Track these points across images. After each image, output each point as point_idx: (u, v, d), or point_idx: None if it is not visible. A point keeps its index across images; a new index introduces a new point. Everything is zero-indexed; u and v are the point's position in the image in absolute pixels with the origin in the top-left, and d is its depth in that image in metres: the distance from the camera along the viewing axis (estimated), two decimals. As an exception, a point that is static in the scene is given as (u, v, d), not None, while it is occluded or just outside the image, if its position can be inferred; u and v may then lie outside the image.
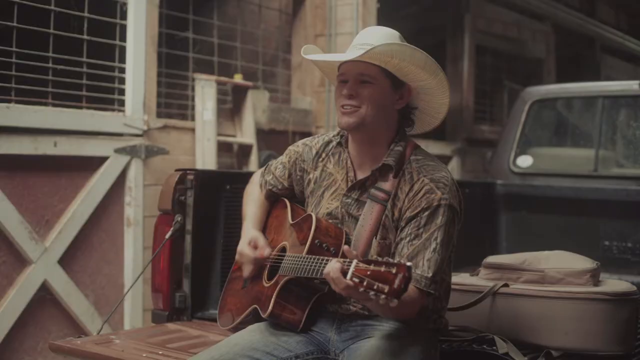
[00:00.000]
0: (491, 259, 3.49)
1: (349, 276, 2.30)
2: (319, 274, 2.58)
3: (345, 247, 2.51)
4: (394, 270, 2.21)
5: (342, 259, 2.43)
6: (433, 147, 8.59)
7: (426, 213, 2.70)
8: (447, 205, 2.71)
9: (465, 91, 9.94)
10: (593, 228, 5.61)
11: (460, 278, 3.44)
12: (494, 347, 3.10)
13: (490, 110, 10.98)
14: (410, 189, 2.75)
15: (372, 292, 2.23)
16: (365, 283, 2.24)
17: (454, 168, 9.40)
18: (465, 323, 3.27)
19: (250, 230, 3.09)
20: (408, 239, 2.71)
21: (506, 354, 3.04)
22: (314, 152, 3.05)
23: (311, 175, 3.03)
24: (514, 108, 6.44)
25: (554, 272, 3.28)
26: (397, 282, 2.20)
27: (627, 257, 5.46)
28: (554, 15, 11.61)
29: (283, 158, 3.17)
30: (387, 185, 2.80)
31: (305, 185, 3.07)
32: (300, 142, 3.15)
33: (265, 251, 2.99)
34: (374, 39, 2.77)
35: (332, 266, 2.42)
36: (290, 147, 3.16)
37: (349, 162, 2.93)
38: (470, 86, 10.02)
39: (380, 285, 2.22)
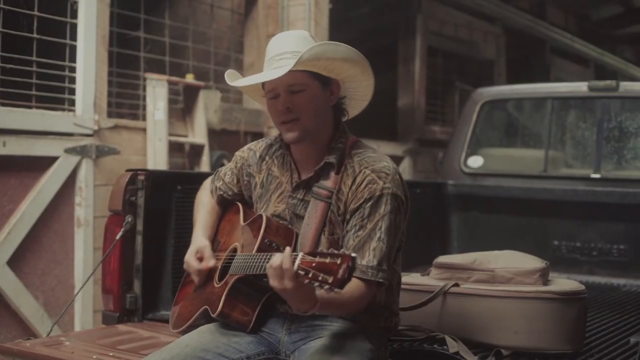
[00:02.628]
0: (442, 259, 3.51)
1: (295, 268, 2.29)
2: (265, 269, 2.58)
3: (287, 248, 2.43)
4: (338, 261, 2.22)
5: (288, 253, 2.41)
6: (385, 148, 8.62)
7: (369, 203, 2.71)
8: (390, 194, 2.72)
9: (416, 92, 9.99)
10: (543, 228, 5.68)
11: (411, 278, 3.45)
12: (445, 347, 3.12)
13: (442, 111, 11.06)
14: (353, 181, 2.76)
15: (316, 284, 2.24)
16: (310, 275, 2.25)
17: (406, 168, 9.44)
18: (416, 323, 3.29)
19: (198, 239, 3.07)
20: (353, 230, 2.72)
21: (457, 353, 3.06)
22: (257, 155, 3.06)
23: (257, 179, 3.03)
24: (465, 109, 6.47)
25: (503, 272, 3.31)
26: (340, 272, 2.21)
27: (576, 256, 5.53)
28: (505, 17, 11.72)
29: (231, 164, 3.17)
30: (329, 182, 2.81)
31: (252, 190, 3.06)
32: (245, 147, 3.15)
33: (210, 262, 2.98)
34: (290, 46, 2.77)
35: (277, 258, 2.40)
36: (237, 153, 3.16)
37: (292, 164, 2.93)
38: (421, 87, 10.08)
39: (324, 276, 2.23)
